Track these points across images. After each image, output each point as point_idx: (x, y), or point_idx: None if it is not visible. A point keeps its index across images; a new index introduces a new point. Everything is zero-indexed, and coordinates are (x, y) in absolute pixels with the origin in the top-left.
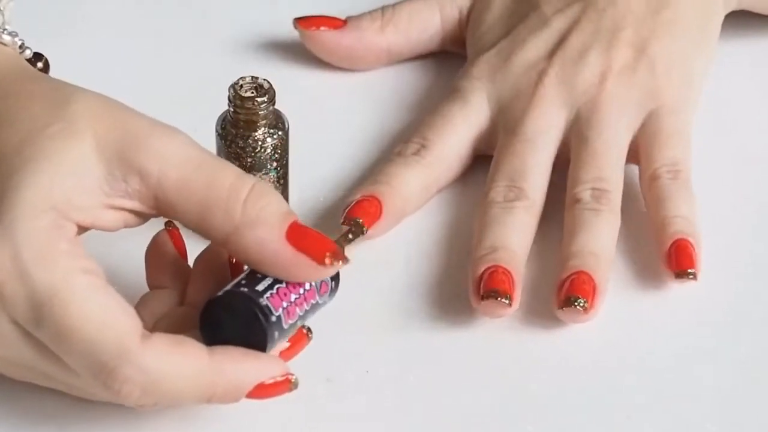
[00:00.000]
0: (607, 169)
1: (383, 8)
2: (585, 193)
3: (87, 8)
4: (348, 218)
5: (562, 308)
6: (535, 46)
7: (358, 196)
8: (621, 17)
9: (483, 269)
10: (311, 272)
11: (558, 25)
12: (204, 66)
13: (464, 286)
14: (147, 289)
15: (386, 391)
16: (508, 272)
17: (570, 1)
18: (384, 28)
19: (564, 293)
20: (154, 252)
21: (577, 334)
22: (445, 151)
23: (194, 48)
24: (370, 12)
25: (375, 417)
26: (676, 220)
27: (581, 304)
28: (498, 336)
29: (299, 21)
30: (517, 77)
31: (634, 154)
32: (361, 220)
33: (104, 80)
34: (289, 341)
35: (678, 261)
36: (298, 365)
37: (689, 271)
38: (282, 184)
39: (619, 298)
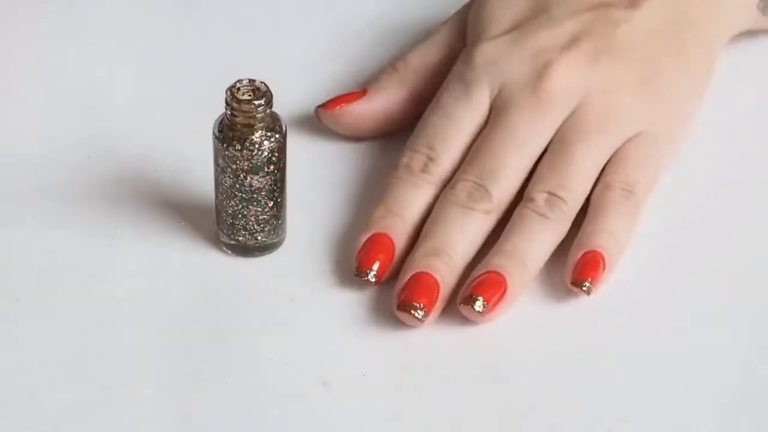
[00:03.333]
0: (573, 180)
1: (394, 65)
2: (540, 195)
3: (86, 9)
4: (361, 269)
5: (460, 304)
6: (545, 38)
7: (370, 233)
8: (632, 37)
9: (414, 273)
10: None
11: (569, 27)
12: (202, 68)
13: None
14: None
15: (383, 395)
16: (437, 284)
17: (582, 9)
18: (403, 80)
19: (470, 289)
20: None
21: (576, 336)
22: (451, 162)
23: (193, 50)
24: (383, 72)
25: (372, 421)
26: (605, 234)
27: (480, 305)
28: (496, 338)
29: (322, 108)
30: (524, 60)
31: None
32: (376, 268)
33: (103, 82)
34: None
35: (582, 270)
36: (294, 369)
37: (586, 282)
38: (279, 187)
39: (618, 298)
